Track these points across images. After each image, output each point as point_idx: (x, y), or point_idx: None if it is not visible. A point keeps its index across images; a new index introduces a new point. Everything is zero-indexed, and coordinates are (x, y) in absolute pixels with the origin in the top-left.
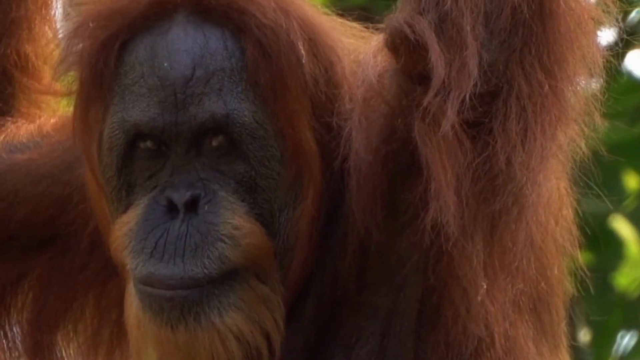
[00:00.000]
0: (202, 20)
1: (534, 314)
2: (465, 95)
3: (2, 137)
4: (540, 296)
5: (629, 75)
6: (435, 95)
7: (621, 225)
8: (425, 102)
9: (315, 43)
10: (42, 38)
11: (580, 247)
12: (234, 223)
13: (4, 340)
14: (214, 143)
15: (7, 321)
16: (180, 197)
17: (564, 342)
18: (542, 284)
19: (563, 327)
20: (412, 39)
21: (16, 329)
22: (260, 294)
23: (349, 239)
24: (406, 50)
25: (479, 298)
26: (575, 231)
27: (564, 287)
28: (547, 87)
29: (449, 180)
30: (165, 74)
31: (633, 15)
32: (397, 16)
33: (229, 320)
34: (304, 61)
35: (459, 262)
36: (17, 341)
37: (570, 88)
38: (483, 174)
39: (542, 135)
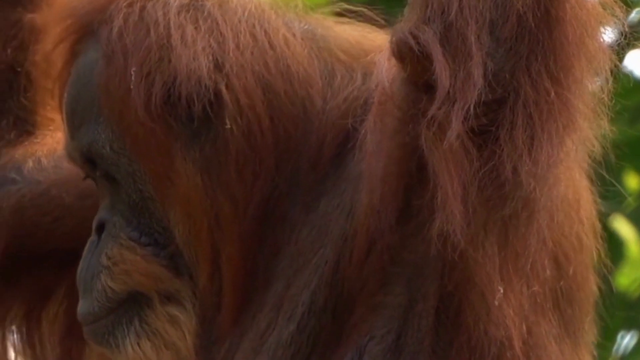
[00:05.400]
0: (87, 46)
1: (557, 310)
2: (470, 105)
3: (45, 150)
4: (563, 292)
5: (629, 75)
6: (441, 105)
7: (621, 225)
8: (430, 112)
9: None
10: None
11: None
12: (108, 252)
13: (36, 349)
14: (97, 173)
15: (37, 331)
16: (95, 222)
17: (587, 340)
18: (562, 282)
19: (588, 324)
20: (417, 50)
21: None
22: (167, 315)
23: (358, 239)
24: (411, 61)
25: (496, 302)
26: (597, 229)
27: (590, 284)
28: (554, 94)
29: (455, 189)
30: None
31: (633, 15)
32: (403, 26)
33: (135, 346)
34: (133, 86)
35: (474, 268)
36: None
37: (577, 94)
38: (490, 183)
39: (549, 143)
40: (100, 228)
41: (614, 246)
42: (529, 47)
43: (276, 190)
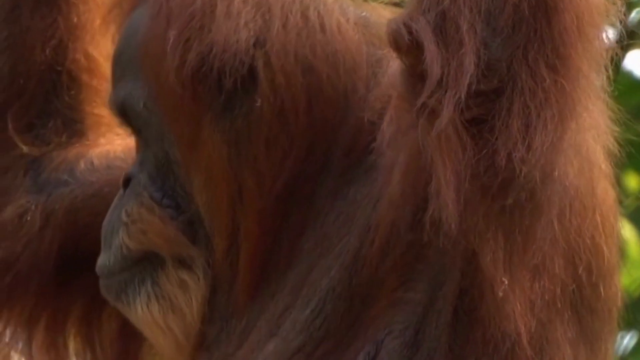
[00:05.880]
0: (140, 3)
1: (575, 315)
2: (461, 94)
3: (96, 151)
4: (582, 298)
5: (629, 75)
6: (432, 93)
7: (621, 226)
8: (421, 100)
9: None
10: (107, 39)
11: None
12: (128, 209)
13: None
14: (130, 128)
15: (97, 333)
16: (123, 175)
17: (605, 350)
18: (581, 288)
19: (607, 335)
20: (408, 39)
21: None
22: (178, 279)
23: (380, 231)
24: (406, 51)
25: (500, 294)
26: (618, 235)
27: (612, 295)
28: (551, 82)
29: (449, 177)
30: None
31: (633, 15)
32: (398, 17)
33: (144, 307)
34: (169, 49)
35: (480, 258)
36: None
37: (575, 83)
38: (484, 171)
39: (544, 131)
40: (127, 182)
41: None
42: (526, 37)
43: (306, 171)
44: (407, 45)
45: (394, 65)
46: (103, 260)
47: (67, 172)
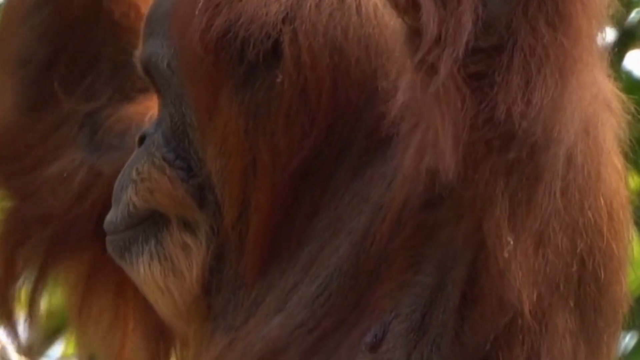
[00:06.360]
0: None
1: (577, 310)
2: (459, 52)
3: (149, 114)
4: (587, 295)
5: (629, 75)
6: (429, 51)
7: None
8: (418, 58)
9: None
10: None
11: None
12: (139, 167)
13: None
14: (153, 86)
15: (127, 298)
16: (139, 133)
17: (608, 351)
18: (586, 280)
19: (611, 336)
20: None
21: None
22: (181, 242)
23: (392, 209)
24: (404, 10)
25: (506, 254)
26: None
27: (618, 295)
28: (551, 40)
29: (447, 127)
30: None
31: (633, 15)
32: None
33: (146, 267)
34: (198, 12)
35: (485, 221)
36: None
37: (575, 42)
38: (482, 124)
39: (543, 86)
40: (142, 141)
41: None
42: None
43: (325, 152)
44: (404, 3)
45: None
46: (111, 216)
47: (119, 137)
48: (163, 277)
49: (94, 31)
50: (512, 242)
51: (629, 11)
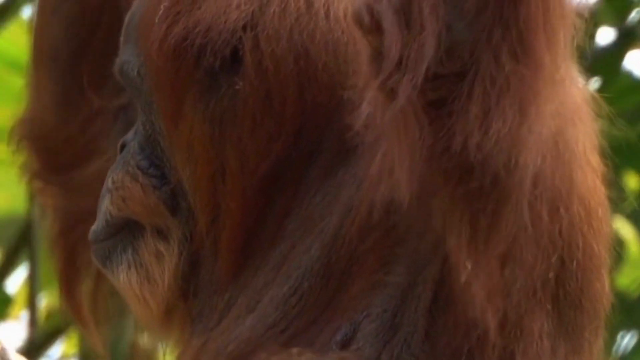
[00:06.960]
0: None
1: (556, 310)
2: (419, 78)
3: None
4: (566, 293)
5: (629, 75)
6: (390, 75)
7: (621, 225)
8: (379, 81)
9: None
10: None
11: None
12: (114, 176)
13: None
14: (128, 94)
15: None
16: (120, 142)
17: (590, 347)
18: (553, 275)
19: (592, 333)
20: (368, 21)
21: None
22: (155, 249)
23: (361, 210)
24: (368, 32)
25: (463, 279)
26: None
27: (597, 291)
28: (512, 70)
29: (402, 156)
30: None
31: (633, 15)
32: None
33: (124, 275)
34: (158, 20)
35: (447, 242)
36: None
37: (537, 73)
38: (439, 154)
39: (502, 118)
40: (122, 149)
41: (614, 246)
42: (491, 21)
43: (294, 155)
44: (368, 26)
45: None
46: (95, 225)
47: None
48: (139, 285)
49: (119, 24)
50: (470, 267)
51: (629, 11)
